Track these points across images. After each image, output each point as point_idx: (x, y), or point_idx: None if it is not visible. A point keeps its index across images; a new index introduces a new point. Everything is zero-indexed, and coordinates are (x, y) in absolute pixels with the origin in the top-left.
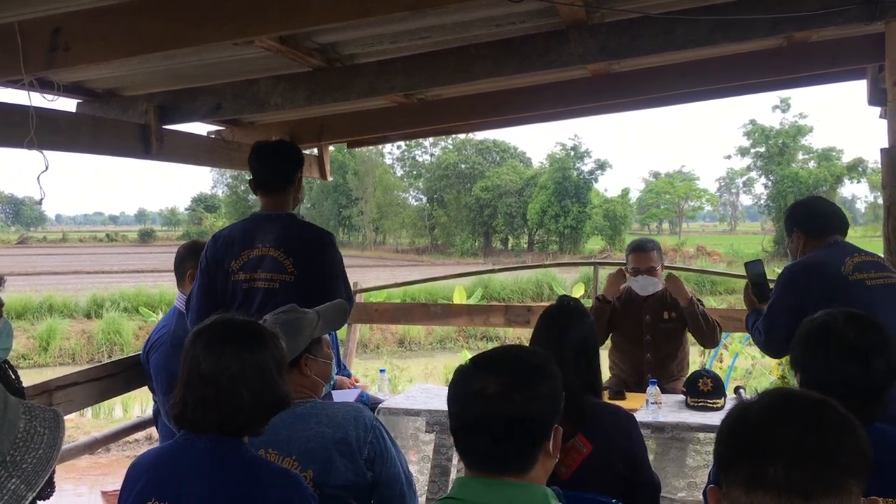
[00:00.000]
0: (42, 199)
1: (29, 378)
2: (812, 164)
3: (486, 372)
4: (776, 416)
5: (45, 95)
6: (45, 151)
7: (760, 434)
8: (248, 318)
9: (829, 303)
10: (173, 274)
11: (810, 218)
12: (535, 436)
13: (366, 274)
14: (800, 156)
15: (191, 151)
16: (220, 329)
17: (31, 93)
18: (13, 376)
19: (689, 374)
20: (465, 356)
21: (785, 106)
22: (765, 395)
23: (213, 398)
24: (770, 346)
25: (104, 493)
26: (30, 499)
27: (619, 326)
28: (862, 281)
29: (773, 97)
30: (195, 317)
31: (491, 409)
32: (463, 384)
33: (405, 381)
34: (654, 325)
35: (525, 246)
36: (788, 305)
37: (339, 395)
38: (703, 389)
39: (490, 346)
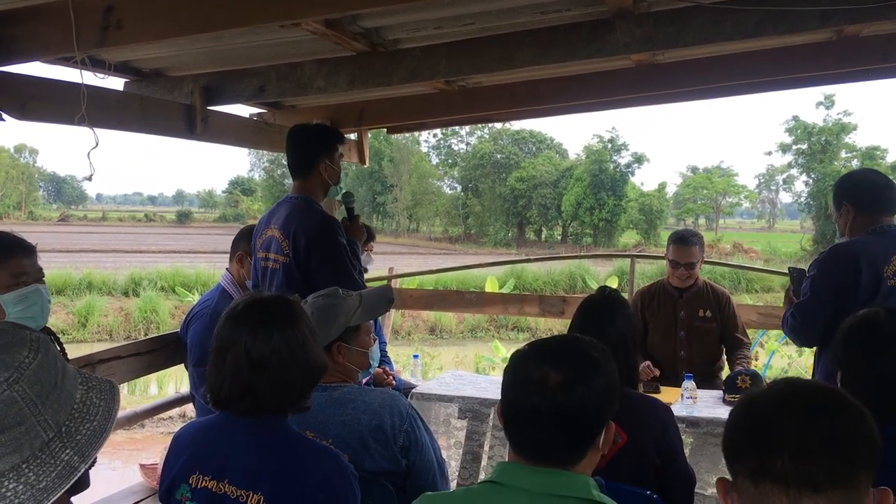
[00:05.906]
0: (92, 175)
1: (68, 353)
2: (855, 162)
3: (547, 362)
4: (783, 407)
5: (97, 74)
6: (94, 129)
7: (768, 425)
8: (275, 294)
9: (862, 297)
10: (209, 255)
11: (862, 190)
12: (589, 430)
13: (398, 261)
14: (843, 154)
15: (234, 133)
16: (254, 310)
17: (82, 71)
18: (58, 348)
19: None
20: (497, 346)
21: (829, 102)
22: (773, 384)
23: (266, 382)
24: (804, 329)
25: (143, 466)
26: (82, 470)
27: (653, 321)
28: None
29: (816, 93)
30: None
31: (549, 400)
32: (521, 371)
33: (436, 369)
34: (688, 322)
35: (559, 238)
36: (827, 284)
37: None
38: (742, 387)
39: (521, 336)
